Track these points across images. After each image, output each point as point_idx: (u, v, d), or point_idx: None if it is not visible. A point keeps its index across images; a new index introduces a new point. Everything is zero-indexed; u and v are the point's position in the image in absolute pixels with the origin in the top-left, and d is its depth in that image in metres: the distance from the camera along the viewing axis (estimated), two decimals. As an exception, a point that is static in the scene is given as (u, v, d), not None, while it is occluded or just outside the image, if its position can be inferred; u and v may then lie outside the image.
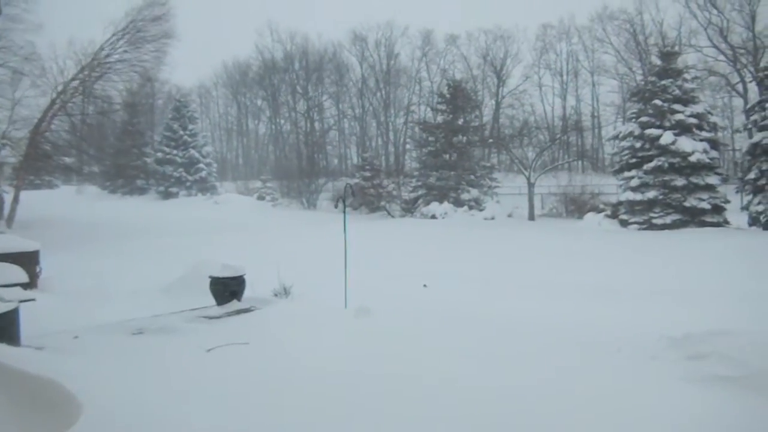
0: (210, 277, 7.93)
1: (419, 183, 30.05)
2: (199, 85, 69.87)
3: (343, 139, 65.10)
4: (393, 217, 30.19)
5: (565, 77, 58.68)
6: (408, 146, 53.34)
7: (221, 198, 39.11)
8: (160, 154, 46.02)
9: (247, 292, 8.19)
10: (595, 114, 56.73)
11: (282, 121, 66.28)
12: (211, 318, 7.18)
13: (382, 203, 31.47)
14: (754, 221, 19.76)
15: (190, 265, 9.28)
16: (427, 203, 28.50)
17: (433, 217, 27.13)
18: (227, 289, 7.82)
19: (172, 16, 25.51)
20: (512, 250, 15.20)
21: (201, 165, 45.91)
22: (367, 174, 32.55)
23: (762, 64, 40.26)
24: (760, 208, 19.33)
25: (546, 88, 59.05)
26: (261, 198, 40.03)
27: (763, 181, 19.27)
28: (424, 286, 10.08)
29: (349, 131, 65.10)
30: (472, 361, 4.99)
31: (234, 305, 7.74)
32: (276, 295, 8.61)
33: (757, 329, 4.79)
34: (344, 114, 64.27)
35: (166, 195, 43.73)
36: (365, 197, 31.38)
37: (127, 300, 8.63)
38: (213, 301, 7.92)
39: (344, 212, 9.40)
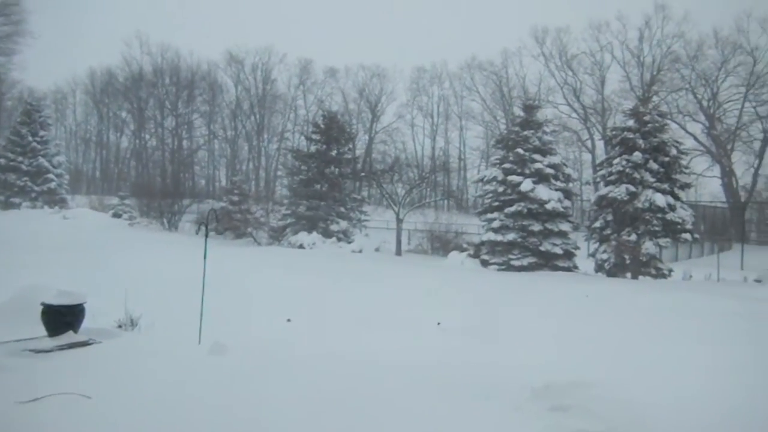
0: (42, 303, 6.96)
1: (289, 211, 29.52)
2: (56, 90, 64.84)
3: (213, 161, 63.12)
4: (260, 244, 29.32)
5: (435, 119, 61.37)
6: (279, 173, 52.71)
7: (71, 212, 35.91)
8: (2, 160, 41.62)
9: (88, 323, 7.31)
10: (462, 156, 59.69)
11: (147, 136, 63.01)
12: (38, 352, 6.25)
13: (249, 229, 30.52)
14: (599, 268, 21.32)
15: (19, 288, 8.14)
16: (296, 232, 28.00)
17: (301, 246, 26.67)
18: (62, 318, 6.90)
19: (27, 12, 23.27)
20: (379, 286, 15.12)
21: (50, 175, 42.09)
22: (235, 198, 31.49)
23: (609, 125, 44.50)
24: (605, 256, 20.91)
25: (417, 128, 61.42)
26: (117, 215, 37.33)
27: (608, 231, 20.90)
28: (288, 320, 9.63)
29: (220, 153, 63.27)
30: (329, 407, 4.68)
31: (69, 337, 6.82)
32: (120, 326, 7.77)
33: (612, 380, 4.93)
34: (215, 135, 62.43)
35: (6, 205, 39.49)
36: (231, 222, 30.26)
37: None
38: (44, 332, 6.96)
39: (205, 238, 8.78)
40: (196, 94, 60.85)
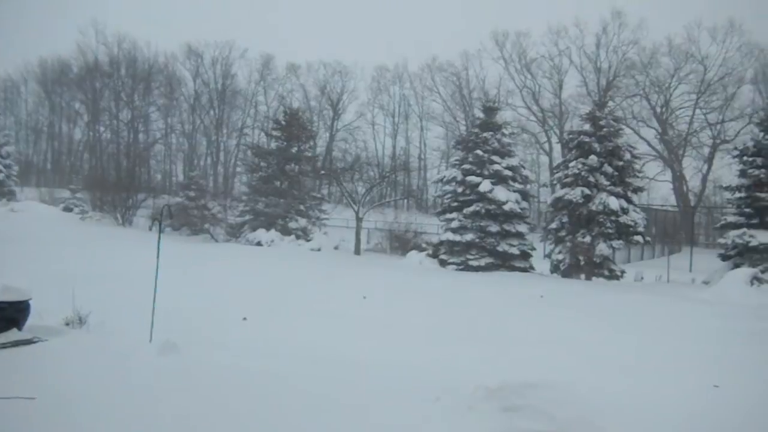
0: (-16, 300, 6.69)
1: (247, 208, 29.15)
2: (5, 78, 62.59)
3: (170, 155, 61.89)
4: (217, 241, 28.91)
5: (396, 119, 61.45)
6: (239, 169, 52.00)
7: (19, 205, 34.72)
8: (-54, 150, 40.05)
9: (34, 320, 7.06)
10: (422, 157, 59.92)
11: (102, 129, 61.41)
12: (-21, 350, 6.01)
13: (206, 226, 30.03)
14: (554, 268, 21.69)
15: (-39, 284, 7.79)
16: (254, 229, 27.67)
17: (259, 244, 26.39)
18: (5, 315, 6.63)
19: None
20: (338, 284, 15.08)
21: (-2, 166, 40.70)
22: (192, 194, 30.96)
23: (566, 128, 45.40)
24: (560, 256, 21.28)
25: (378, 127, 61.39)
26: (68, 209, 36.29)
27: (563, 233, 21.27)
28: (244, 318, 9.50)
29: (177, 147, 62.07)
30: (274, 409, 4.62)
31: (12, 335, 6.56)
32: (68, 324, 7.51)
33: (566, 380, 5.00)
34: (173, 128, 61.22)
35: (-50, 197, 38.00)
36: (187, 218, 29.74)
37: None
38: (-14, 329, 6.69)
39: (159, 233, 8.59)
40: (154, 86, 59.56)
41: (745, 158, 19.60)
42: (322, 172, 34.29)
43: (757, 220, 18.80)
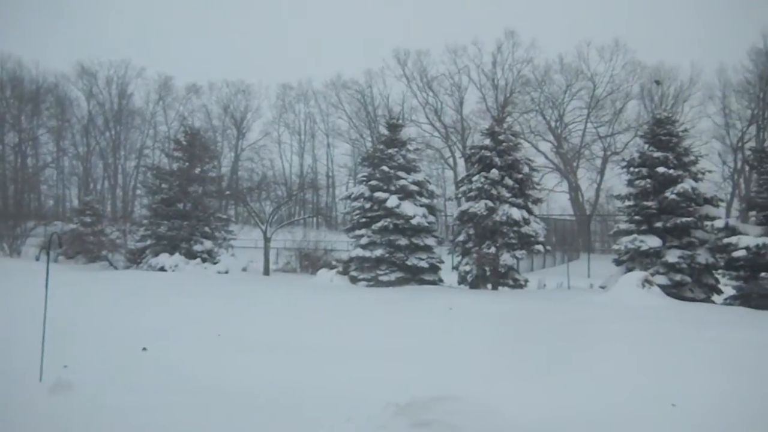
0: None
1: (148, 232, 27.93)
2: None
3: (62, 179, 58.46)
4: (116, 268, 27.50)
5: (302, 137, 61.21)
6: (139, 192, 49.94)
7: None
8: None
9: None
10: (330, 174, 59.92)
11: (-16, 153, 57.10)
12: None
13: (104, 252, 28.50)
14: (462, 280, 22.15)
15: None
16: (156, 254, 26.55)
17: (162, 269, 25.35)
18: None
19: None
20: (245, 307, 14.66)
21: None
22: (88, 219, 29.36)
23: (468, 143, 46.84)
24: (467, 268, 21.78)
25: (285, 146, 60.91)
26: (-54, 241, 33.38)
27: (470, 245, 21.80)
28: (144, 349, 9.02)
29: (70, 171, 58.79)
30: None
31: None
32: (-57, 367, 6.86)
33: (475, 392, 5.07)
34: (65, 151, 57.97)
35: None
36: (83, 245, 28.13)
37: None
38: None
39: (47, 262, 8.04)
40: (43, 107, 56.25)
41: (632, 169, 20.83)
42: (228, 192, 33.51)
43: (646, 226, 19.97)
